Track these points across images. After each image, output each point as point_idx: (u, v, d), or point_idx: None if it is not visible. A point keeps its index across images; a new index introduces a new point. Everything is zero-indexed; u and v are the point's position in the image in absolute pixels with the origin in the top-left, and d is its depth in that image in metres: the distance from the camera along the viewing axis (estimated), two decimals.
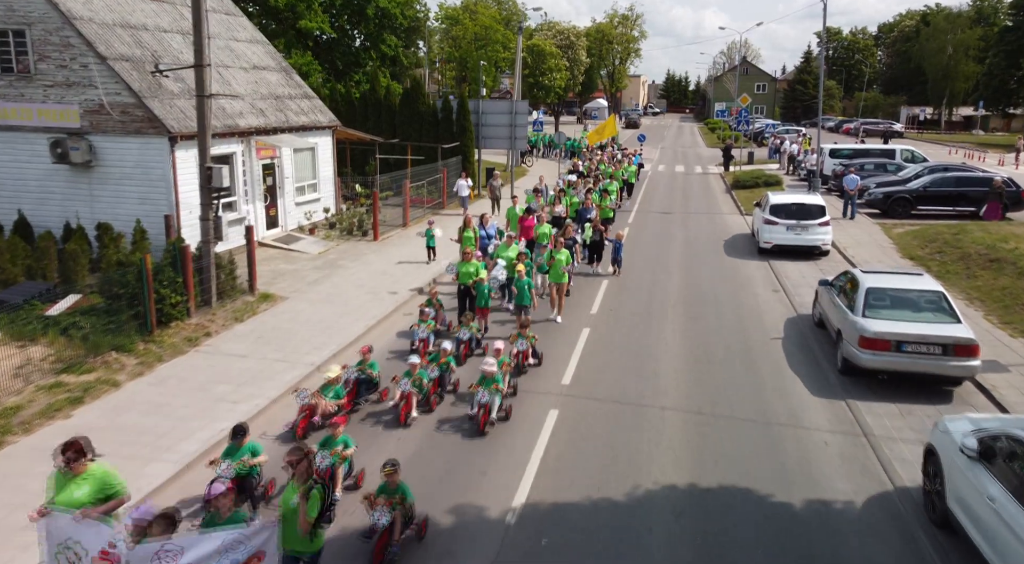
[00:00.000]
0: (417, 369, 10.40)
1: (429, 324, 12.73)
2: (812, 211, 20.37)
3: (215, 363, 11.84)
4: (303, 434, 9.38)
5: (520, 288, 13.45)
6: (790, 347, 13.21)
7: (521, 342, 11.80)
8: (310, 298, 15.70)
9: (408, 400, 10.10)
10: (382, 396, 10.70)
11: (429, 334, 12.57)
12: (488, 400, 9.82)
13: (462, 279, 13.73)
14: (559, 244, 14.93)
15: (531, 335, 11.95)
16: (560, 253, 14.50)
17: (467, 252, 13.94)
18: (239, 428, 8.00)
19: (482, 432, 9.67)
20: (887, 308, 11.66)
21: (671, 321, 14.68)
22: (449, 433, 9.88)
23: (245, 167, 19.40)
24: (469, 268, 13.68)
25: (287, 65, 24.13)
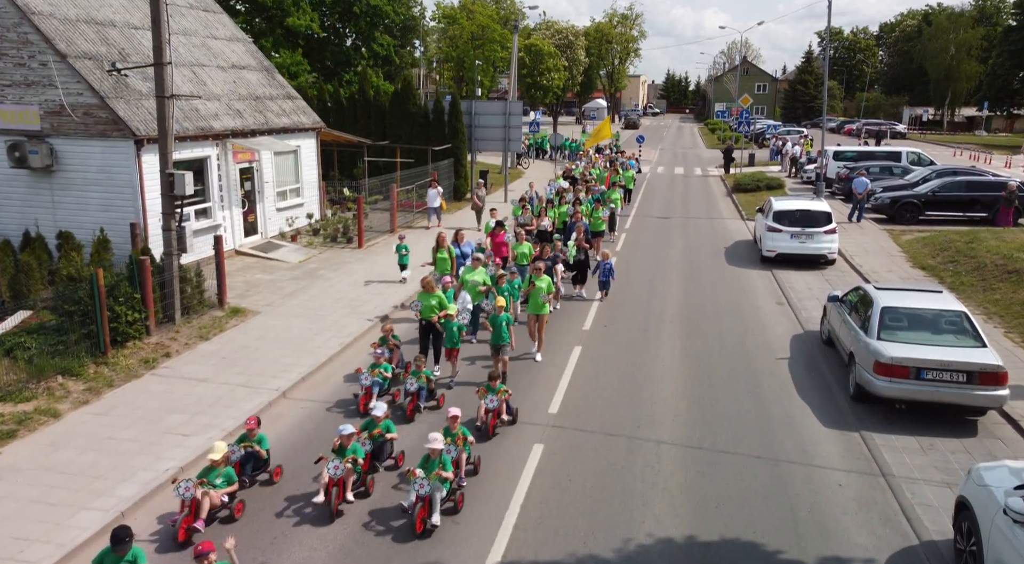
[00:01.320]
0: (352, 441, 8.21)
1: (382, 369, 10.73)
2: (818, 218, 19.39)
3: (171, 388, 10.85)
4: (185, 537, 7.28)
5: (496, 325, 11.13)
6: (797, 369, 12.23)
7: (490, 399, 9.68)
8: (284, 312, 14.72)
9: (340, 486, 7.89)
10: (274, 475, 8.53)
11: (375, 382, 10.58)
12: (428, 492, 7.54)
13: (424, 314, 11.59)
14: (538, 269, 12.70)
15: (503, 389, 9.87)
16: (541, 280, 12.45)
17: (427, 282, 11.65)
18: (119, 534, 6.17)
19: (420, 533, 7.50)
20: (904, 330, 10.69)
21: (669, 338, 13.70)
22: (389, 523, 7.77)
23: (221, 171, 18.41)
24: (431, 301, 11.47)
25: (269, 64, 23.14)
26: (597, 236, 19.17)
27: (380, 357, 10.89)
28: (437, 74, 74.33)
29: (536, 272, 12.55)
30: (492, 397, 9.69)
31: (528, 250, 15.49)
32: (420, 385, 10.43)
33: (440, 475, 7.65)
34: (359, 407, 10.29)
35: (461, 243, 15.68)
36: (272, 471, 8.57)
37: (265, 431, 8.87)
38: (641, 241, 22.83)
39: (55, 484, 8.19)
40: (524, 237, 16.04)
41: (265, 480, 8.55)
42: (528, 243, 15.81)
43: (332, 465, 7.81)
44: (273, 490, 8.43)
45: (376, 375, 10.60)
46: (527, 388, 11.25)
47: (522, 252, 15.50)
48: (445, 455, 7.91)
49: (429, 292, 11.56)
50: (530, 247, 15.62)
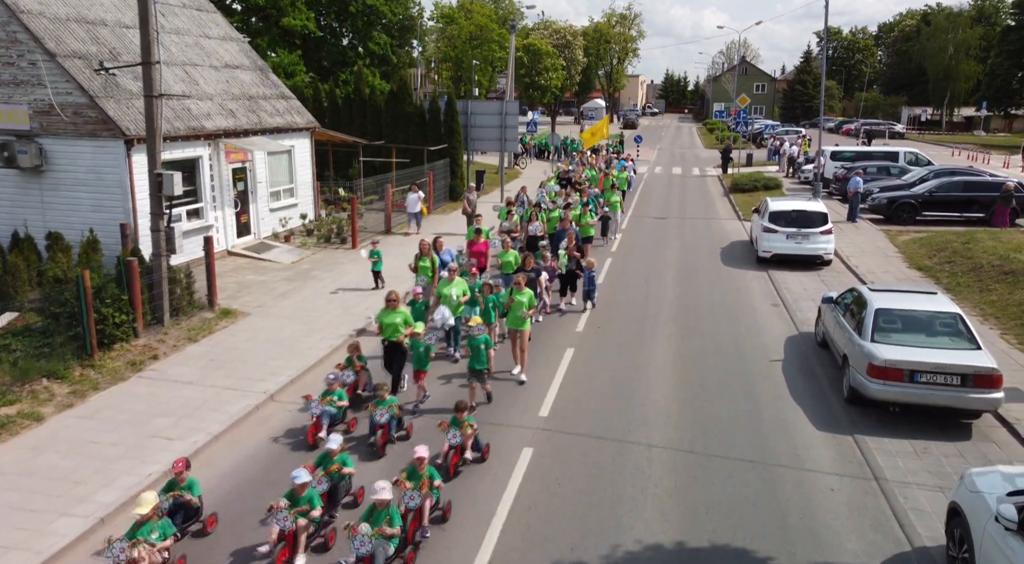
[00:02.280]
0: (306, 489, 7.16)
1: (335, 397, 9.66)
2: (813, 218, 19.28)
3: (157, 391, 10.73)
4: None
5: (474, 347, 10.19)
6: (791, 371, 12.11)
7: (452, 434, 8.63)
8: (275, 313, 14.60)
9: (289, 542, 6.92)
10: (207, 525, 7.52)
11: (326, 412, 9.50)
12: (370, 551, 6.58)
13: (385, 333, 10.58)
14: (519, 282, 11.80)
15: (469, 423, 8.79)
16: (521, 293, 11.54)
17: (391, 298, 10.68)
18: None
19: None
20: (898, 332, 10.58)
21: (663, 339, 13.59)
22: None
23: (213, 172, 18.29)
24: (394, 318, 10.50)
25: (263, 64, 23.03)
26: (586, 242, 18.58)
27: (333, 383, 9.84)
28: (436, 74, 74.17)
29: (517, 285, 11.70)
30: (455, 432, 8.65)
31: (514, 259, 14.72)
32: (391, 415, 9.33)
33: (384, 532, 6.72)
34: (307, 439, 9.30)
35: (440, 251, 14.85)
36: (206, 520, 7.52)
37: (247, 437, 8.76)
38: (637, 242, 22.71)
39: (36, 489, 8.07)
40: (510, 244, 15.25)
41: (198, 531, 7.50)
42: (514, 251, 15.02)
43: (281, 516, 6.86)
44: (209, 542, 7.40)
45: (328, 403, 9.58)
46: (517, 391, 11.14)
47: (507, 261, 14.71)
48: (393, 507, 6.98)
49: (392, 309, 10.62)
50: (516, 256, 14.84)
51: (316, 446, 9.04)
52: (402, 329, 10.55)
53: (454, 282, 12.28)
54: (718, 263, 19.95)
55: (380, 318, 10.72)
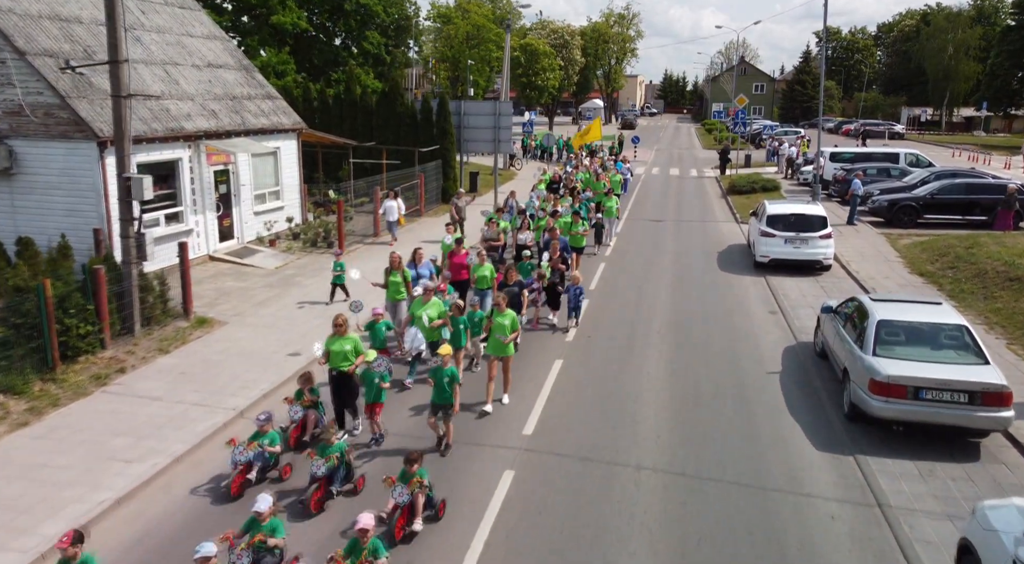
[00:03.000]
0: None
1: (266, 441, 8.33)
2: (812, 222, 18.72)
3: (120, 407, 10.17)
4: None
5: (438, 379, 8.96)
6: (789, 384, 11.56)
7: (399, 491, 7.34)
8: (253, 322, 14.04)
9: None
10: None
11: (256, 457, 8.25)
12: None
13: (334, 363, 9.29)
14: (499, 304, 10.63)
15: (418, 479, 7.42)
16: (503, 315, 10.40)
17: (339, 322, 9.39)
18: None
19: None
20: (902, 345, 10.03)
21: (656, 349, 13.03)
22: None
23: (193, 174, 17.73)
24: (343, 345, 9.22)
25: (248, 63, 22.46)
26: (577, 252, 17.38)
27: (264, 424, 8.46)
28: (433, 74, 73.62)
29: (497, 306, 10.60)
30: (401, 489, 7.32)
31: (490, 273, 13.38)
32: (330, 467, 7.88)
33: None
34: (230, 490, 8.04)
35: (419, 263, 13.55)
36: None
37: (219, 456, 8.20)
38: (632, 245, 22.17)
39: None
40: (485, 257, 13.95)
41: None
42: (489, 265, 13.61)
43: None
44: None
45: (255, 448, 8.26)
46: (500, 407, 10.58)
47: (482, 275, 13.36)
48: None
49: (341, 335, 9.32)
50: (492, 270, 13.52)
51: (239, 497, 7.99)
52: (352, 358, 9.26)
53: (430, 303, 11.12)
54: (714, 268, 19.41)
55: (327, 345, 9.36)
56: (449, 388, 8.97)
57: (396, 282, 12.68)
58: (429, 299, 11.16)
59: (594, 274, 18.31)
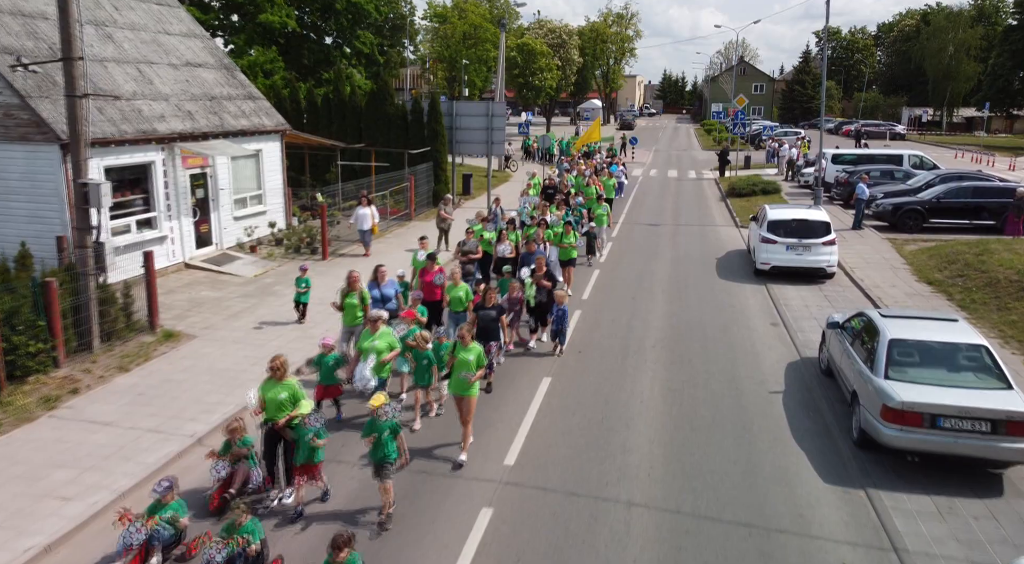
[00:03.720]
0: None
1: (165, 515, 6.92)
2: (815, 228, 17.93)
3: (66, 435, 9.36)
4: None
5: (379, 432, 7.51)
6: (792, 406, 10.76)
7: None
8: (223, 336, 13.23)
9: None
10: None
11: (153, 535, 6.81)
12: None
13: (268, 413, 8.00)
14: (463, 336, 9.11)
15: None
16: (467, 350, 9.00)
17: (276, 365, 8.00)
18: None
19: None
20: (916, 366, 9.24)
21: (650, 368, 12.23)
22: None
23: (168, 178, 16.92)
24: (279, 393, 7.91)
25: (230, 62, 21.66)
26: (568, 265, 16.21)
27: (165, 494, 7.03)
28: (431, 74, 72.83)
29: (461, 339, 9.10)
30: None
31: (465, 294, 12.03)
32: (230, 554, 6.53)
33: None
34: None
35: (381, 283, 11.94)
36: None
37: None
38: (627, 251, 21.37)
39: None
40: (459, 276, 12.32)
41: None
42: (465, 286, 12.19)
43: None
44: None
45: (156, 525, 6.81)
46: (482, 431, 9.77)
47: (456, 297, 12.01)
48: None
49: (278, 380, 7.97)
50: (467, 290, 12.13)
51: None
52: (288, 407, 7.94)
53: (378, 333, 9.62)
54: (713, 276, 18.61)
55: (262, 391, 7.99)
56: (389, 443, 7.51)
57: (353, 305, 11.32)
58: (377, 329, 9.63)
59: (587, 283, 17.52)
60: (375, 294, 11.77)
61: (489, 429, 9.88)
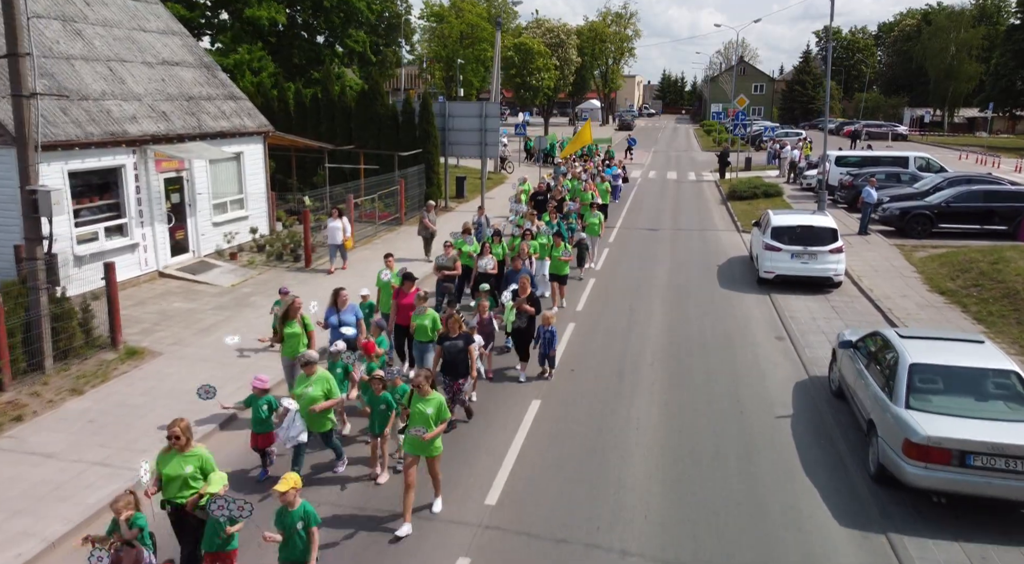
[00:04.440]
0: None
1: None
2: (822, 235, 17.05)
3: (2, 469, 8.48)
4: None
5: (287, 527, 6.04)
6: (802, 433, 9.89)
7: None
8: (191, 354, 12.35)
9: None
10: None
11: None
12: None
13: (168, 492, 6.49)
14: (419, 384, 7.54)
15: None
16: (426, 400, 7.47)
17: (177, 431, 6.43)
18: None
19: None
20: (940, 394, 8.38)
21: (647, 389, 11.35)
22: None
23: (140, 182, 16.04)
24: (182, 467, 6.40)
25: (210, 61, 20.77)
26: (558, 281, 14.89)
27: None
28: (429, 74, 71.93)
29: (417, 388, 7.55)
30: None
31: (432, 323, 10.33)
32: None
33: None
34: None
35: (341, 308, 10.43)
36: None
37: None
38: (624, 257, 20.50)
39: None
40: (424, 301, 10.68)
41: None
42: (433, 313, 10.56)
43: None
44: None
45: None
46: (461, 465, 8.91)
47: (421, 325, 10.38)
48: None
49: (179, 450, 6.43)
50: (435, 319, 10.40)
51: None
52: (195, 484, 6.43)
53: (315, 378, 8.08)
54: (714, 284, 17.74)
55: (159, 465, 6.50)
56: (301, 539, 6.00)
57: (294, 334, 9.73)
58: (312, 372, 8.11)
59: (582, 291, 16.66)
60: (332, 321, 10.43)
61: (470, 461, 9.01)
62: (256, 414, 8.32)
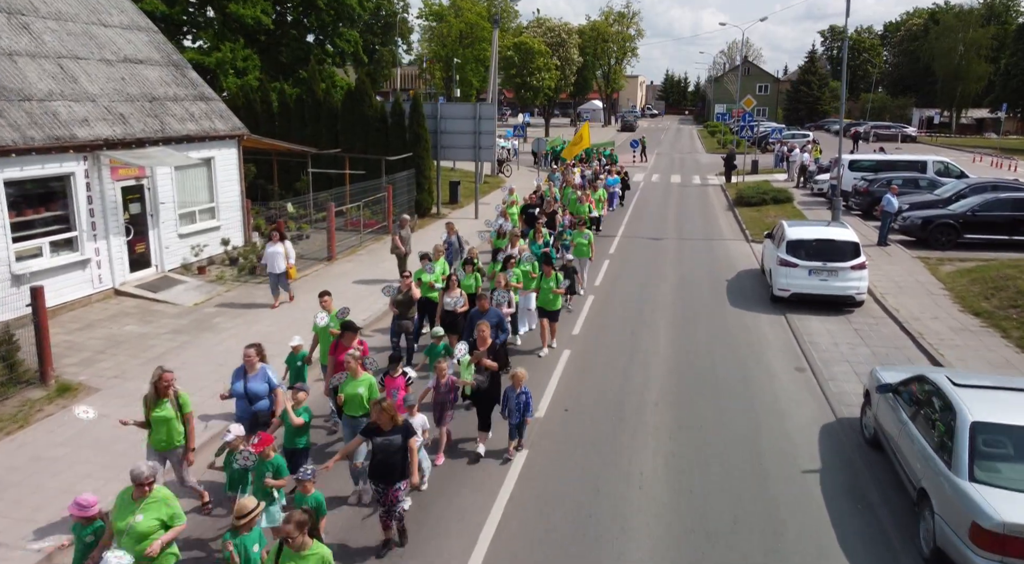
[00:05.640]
0: None
1: None
2: (842, 250, 15.53)
3: None
4: None
5: None
6: (835, 496, 8.36)
7: None
8: (133, 389, 10.79)
9: None
10: None
11: None
12: None
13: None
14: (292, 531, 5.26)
15: None
16: (304, 559, 5.32)
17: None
18: None
19: None
20: (1012, 462, 6.86)
21: (653, 434, 9.85)
22: None
23: (92, 192, 14.57)
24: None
25: (180, 59, 19.28)
26: (549, 317, 12.56)
27: None
28: (429, 74, 70.47)
29: (287, 541, 5.30)
30: None
31: (368, 390, 7.98)
32: None
33: None
34: None
35: (250, 372, 8.06)
36: None
37: None
38: (625, 271, 18.98)
39: None
40: (358, 362, 8.08)
41: None
42: (369, 377, 8.10)
43: None
44: None
45: None
46: (425, 541, 7.40)
47: (350, 395, 7.99)
48: None
49: None
50: (372, 385, 8.04)
51: None
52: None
53: (146, 503, 5.81)
54: (724, 303, 16.22)
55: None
56: None
57: (165, 420, 7.39)
58: (143, 494, 5.85)
59: (579, 312, 15.16)
60: (238, 390, 8.03)
61: (437, 535, 7.51)
62: (79, 544, 6.05)
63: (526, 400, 8.94)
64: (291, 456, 7.58)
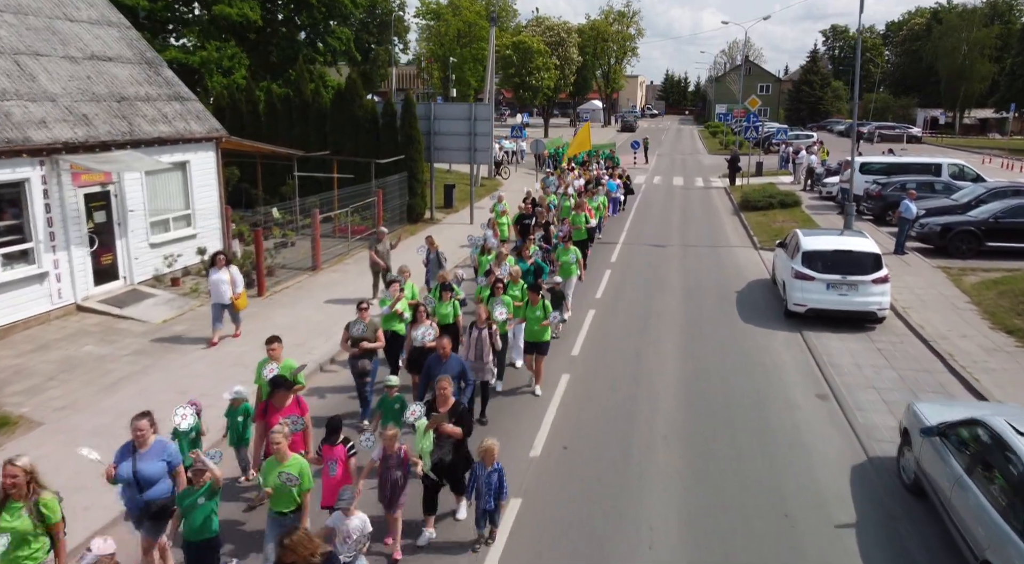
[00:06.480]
0: None
1: None
2: (862, 262, 14.41)
3: None
4: None
5: None
6: (875, 558, 7.22)
7: None
8: (80, 424, 9.73)
9: None
10: None
11: None
12: None
13: None
14: None
15: None
16: None
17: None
18: None
19: None
20: None
21: (662, 478, 8.71)
22: None
23: (50, 199, 13.43)
24: None
25: (154, 56, 18.13)
26: (537, 352, 10.73)
27: None
28: (426, 74, 69.34)
29: None
30: None
31: (301, 471, 6.22)
32: None
33: None
34: None
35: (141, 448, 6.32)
36: None
37: None
38: (628, 281, 17.85)
39: None
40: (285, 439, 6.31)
41: None
42: (300, 461, 6.33)
43: None
44: None
45: None
46: None
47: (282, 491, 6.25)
48: None
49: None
50: (305, 471, 6.26)
51: None
52: None
53: None
54: (735, 317, 15.10)
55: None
56: None
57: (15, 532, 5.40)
58: None
59: (579, 329, 14.03)
60: (124, 473, 6.17)
61: None
62: None
63: (499, 479, 7.00)
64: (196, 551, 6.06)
